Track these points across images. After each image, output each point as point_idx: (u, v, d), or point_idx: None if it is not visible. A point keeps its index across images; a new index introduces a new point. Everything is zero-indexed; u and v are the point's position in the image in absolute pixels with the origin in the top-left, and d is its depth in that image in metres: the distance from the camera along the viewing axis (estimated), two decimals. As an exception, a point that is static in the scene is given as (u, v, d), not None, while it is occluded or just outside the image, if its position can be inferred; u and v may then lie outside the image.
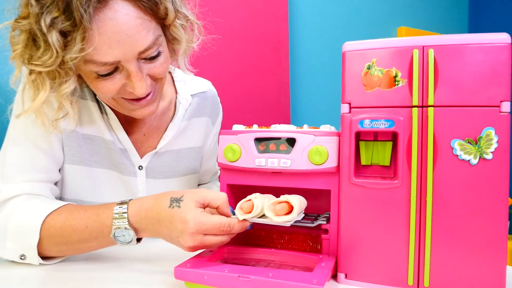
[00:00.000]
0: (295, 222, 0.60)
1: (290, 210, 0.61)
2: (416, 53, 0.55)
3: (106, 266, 0.68)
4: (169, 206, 0.61)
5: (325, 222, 0.63)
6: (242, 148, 0.65)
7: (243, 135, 0.66)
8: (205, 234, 0.59)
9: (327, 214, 0.69)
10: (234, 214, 0.63)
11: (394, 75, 0.56)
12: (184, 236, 0.58)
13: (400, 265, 0.55)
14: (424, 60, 0.55)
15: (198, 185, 1.03)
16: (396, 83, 0.56)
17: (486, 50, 0.52)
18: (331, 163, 0.61)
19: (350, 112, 0.58)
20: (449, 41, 0.54)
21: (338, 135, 0.61)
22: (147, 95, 0.72)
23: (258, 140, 0.65)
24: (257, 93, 1.66)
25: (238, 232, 0.61)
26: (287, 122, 1.75)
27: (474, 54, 0.53)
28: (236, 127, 0.69)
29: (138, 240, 0.66)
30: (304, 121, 1.81)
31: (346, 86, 0.58)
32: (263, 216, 0.62)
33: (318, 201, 0.71)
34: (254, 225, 0.66)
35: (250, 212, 0.61)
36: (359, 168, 0.61)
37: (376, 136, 0.60)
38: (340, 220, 0.59)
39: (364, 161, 0.61)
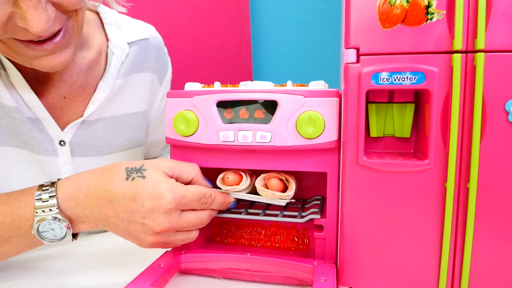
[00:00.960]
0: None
1: (283, 188, 0.47)
2: (460, -30, 0.36)
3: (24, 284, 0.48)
4: (127, 178, 0.44)
5: (318, 216, 0.46)
6: (200, 117, 0.45)
7: (201, 98, 0.45)
8: (182, 211, 0.44)
9: (318, 199, 0.53)
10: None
11: (426, 4, 0.37)
12: (156, 215, 0.43)
13: (429, 273, 0.40)
14: (472, -20, 0.36)
15: (145, 159, 0.82)
16: (429, 16, 0.37)
17: None
18: (329, 136, 0.43)
19: (358, 61, 0.39)
20: (510, -50, 0.36)
21: (339, 95, 0.43)
22: (55, 36, 0.49)
23: (223, 105, 0.45)
24: (212, 44, 1.42)
25: (219, 208, 0.48)
26: (248, 80, 1.54)
27: (546, -30, 0.35)
28: (190, 87, 0.48)
29: (74, 235, 0.47)
30: (270, 79, 1.61)
31: (352, 22, 0.39)
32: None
33: (303, 182, 0.54)
34: (231, 210, 0.50)
35: (237, 185, 0.47)
36: (367, 142, 0.43)
37: (391, 96, 0.43)
38: (343, 215, 0.42)
39: (374, 132, 0.43)
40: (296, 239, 0.52)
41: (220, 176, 0.48)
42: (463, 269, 0.39)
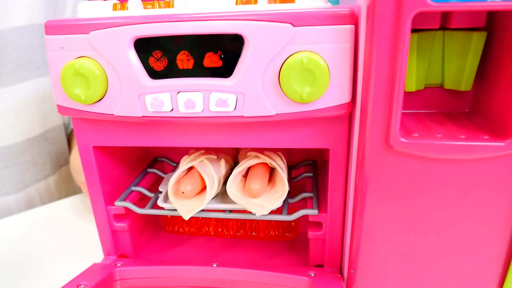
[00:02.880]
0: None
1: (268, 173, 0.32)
2: None
3: None
4: None
5: (315, 211, 0.31)
6: (108, 69, 0.25)
7: (105, 33, 0.25)
8: None
9: (308, 164, 0.37)
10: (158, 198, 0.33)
11: None
12: None
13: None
14: None
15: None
16: None
17: None
18: (338, 96, 0.25)
19: (398, -48, 0.20)
20: None
21: (354, 20, 0.24)
22: None
23: (147, 45, 0.25)
24: None
25: None
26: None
27: None
28: (85, 9, 0.27)
29: None
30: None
31: None
32: (221, 197, 0.33)
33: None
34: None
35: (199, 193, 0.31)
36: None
37: (445, 19, 0.24)
38: (359, 219, 0.26)
39: (412, 82, 0.25)
40: (276, 228, 0.38)
41: (171, 186, 0.30)
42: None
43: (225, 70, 0.25)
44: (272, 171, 0.33)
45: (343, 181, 0.29)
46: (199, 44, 0.24)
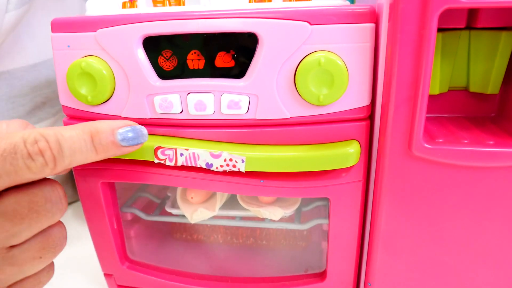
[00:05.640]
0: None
1: None
2: None
3: None
4: None
5: (330, 219, 0.29)
6: (116, 69, 0.24)
7: (114, 32, 0.24)
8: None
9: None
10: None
11: None
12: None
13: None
14: None
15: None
16: None
17: None
18: (356, 99, 0.23)
19: None
20: None
21: (373, 18, 0.22)
22: None
23: (156, 44, 0.24)
24: None
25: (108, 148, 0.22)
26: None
27: None
28: (93, 7, 0.26)
29: None
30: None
31: None
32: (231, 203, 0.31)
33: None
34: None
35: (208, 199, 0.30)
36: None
37: (472, 18, 0.22)
38: (376, 231, 0.25)
39: (436, 84, 0.24)
40: (292, 232, 0.36)
41: (180, 190, 0.30)
42: None
43: (238, 70, 0.23)
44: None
45: (358, 212, 0.27)
46: (210, 43, 0.23)
